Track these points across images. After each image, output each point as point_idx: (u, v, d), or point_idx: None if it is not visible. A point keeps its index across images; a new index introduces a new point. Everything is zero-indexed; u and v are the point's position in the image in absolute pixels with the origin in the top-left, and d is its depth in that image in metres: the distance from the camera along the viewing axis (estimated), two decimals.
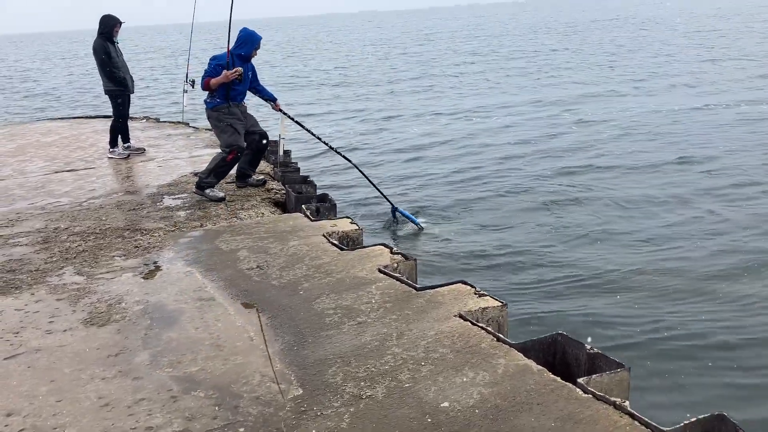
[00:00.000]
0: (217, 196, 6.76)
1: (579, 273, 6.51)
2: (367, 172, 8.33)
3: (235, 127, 6.79)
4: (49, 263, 5.14)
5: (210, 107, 6.78)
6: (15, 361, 3.61)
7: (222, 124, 6.76)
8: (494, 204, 9.13)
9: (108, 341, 3.78)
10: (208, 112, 6.85)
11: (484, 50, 38.92)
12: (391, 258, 4.74)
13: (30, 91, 31.34)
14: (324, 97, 22.86)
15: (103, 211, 6.52)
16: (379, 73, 29.47)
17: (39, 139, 11.02)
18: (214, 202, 6.68)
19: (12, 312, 4.25)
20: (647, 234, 7.50)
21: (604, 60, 27.92)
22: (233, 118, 6.79)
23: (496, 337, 3.45)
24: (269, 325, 3.88)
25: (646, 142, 12.45)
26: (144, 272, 4.86)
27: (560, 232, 7.78)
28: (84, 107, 23.20)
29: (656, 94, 18.02)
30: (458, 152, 12.79)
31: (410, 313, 3.83)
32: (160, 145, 10.00)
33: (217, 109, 6.75)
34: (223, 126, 6.77)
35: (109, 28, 8.79)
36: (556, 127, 14.57)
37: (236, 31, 6.85)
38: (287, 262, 4.88)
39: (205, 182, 6.81)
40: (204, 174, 6.82)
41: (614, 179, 9.97)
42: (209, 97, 6.78)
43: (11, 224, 6.23)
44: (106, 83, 8.96)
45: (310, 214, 6.14)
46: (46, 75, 41.97)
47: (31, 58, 67.98)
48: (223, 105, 6.74)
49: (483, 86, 22.73)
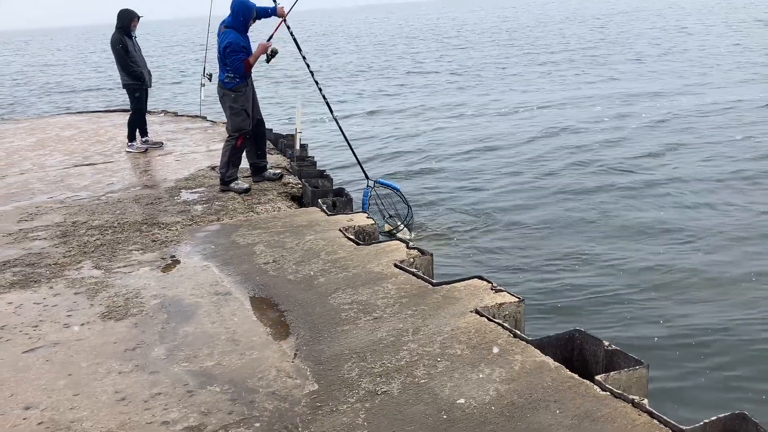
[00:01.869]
0: (243, 188, 6.82)
1: (598, 269, 6.45)
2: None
3: (247, 112, 6.82)
4: (67, 257, 5.18)
5: (229, 87, 6.70)
6: (33, 354, 3.64)
7: (237, 106, 6.75)
8: (514, 198, 9.07)
9: (125, 335, 3.80)
10: (224, 91, 6.76)
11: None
12: (407, 253, 4.72)
13: (46, 86, 31.63)
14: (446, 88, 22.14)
15: (121, 205, 6.56)
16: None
17: (58, 133, 11.11)
18: (233, 194, 6.71)
19: (31, 306, 4.29)
20: (678, 231, 7.33)
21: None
22: (247, 101, 6.80)
23: (512, 333, 3.42)
24: (285, 319, 3.88)
25: (681, 134, 12.23)
26: (161, 266, 4.88)
27: (581, 227, 7.71)
28: (102, 101, 23.38)
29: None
30: (484, 148, 12.70)
31: (426, 309, 3.81)
32: (177, 138, 10.04)
33: (236, 90, 6.71)
34: (237, 109, 6.76)
35: (126, 22, 8.82)
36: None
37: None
38: (303, 256, 4.88)
39: (228, 176, 6.85)
40: (223, 168, 6.84)
41: (643, 175, 9.78)
42: (228, 76, 6.66)
43: (31, 218, 6.28)
44: (123, 77, 9.00)
45: (327, 208, 6.13)
46: (64, 69, 42.29)
47: (47, 52, 68.50)
48: (241, 84, 6.71)
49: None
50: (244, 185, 6.87)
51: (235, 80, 6.68)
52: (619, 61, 24.75)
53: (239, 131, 6.79)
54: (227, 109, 6.83)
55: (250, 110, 6.87)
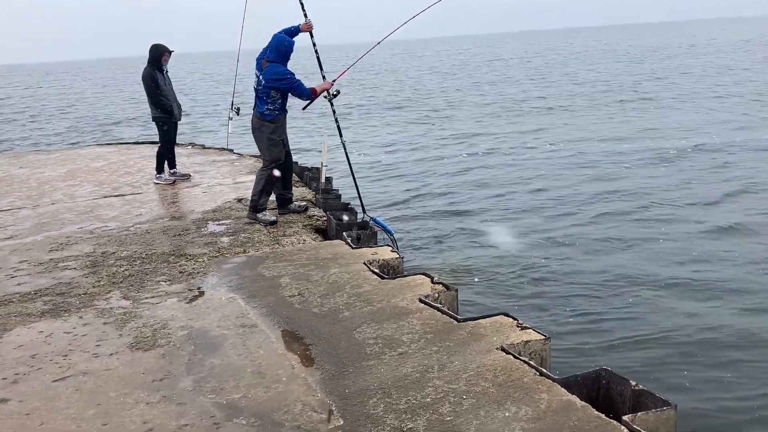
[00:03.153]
0: (270, 220, 6.96)
1: (625, 307, 6.39)
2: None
3: (284, 142, 7.09)
4: (96, 287, 5.27)
5: (269, 119, 6.88)
6: (63, 383, 3.69)
7: (275, 137, 6.96)
8: (540, 234, 9.05)
9: (153, 366, 3.85)
10: (262, 123, 6.90)
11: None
12: (432, 288, 4.74)
13: (73, 116, 32.28)
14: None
15: (149, 236, 6.66)
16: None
17: (88, 164, 11.34)
18: (258, 226, 6.80)
19: (61, 335, 4.36)
20: (708, 277, 7.15)
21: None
22: (284, 132, 7.08)
23: (538, 372, 3.40)
24: (310, 353, 3.91)
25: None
26: (188, 297, 4.94)
27: (609, 263, 7.66)
28: (131, 133, 23.82)
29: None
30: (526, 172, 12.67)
31: (451, 345, 3.81)
32: (205, 171, 10.20)
33: (275, 121, 6.92)
34: (275, 140, 6.97)
35: (157, 56, 9.04)
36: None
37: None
38: (328, 289, 4.92)
39: (261, 204, 7.01)
40: (256, 196, 7.00)
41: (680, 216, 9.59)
42: (269, 108, 6.82)
43: (61, 248, 6.40)
44: (153, 110, 9.20)
45: (351, 241, 6.18)
46: (95, 101, 43.19)
47: (76, 84, 70.01)
48: (280, 116, 6.94)
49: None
50: (272, 218, 6.99)
51: (274, 113, 6.88)
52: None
53: (274, 161, 6.98)
54: (265, 140, 7.00)
55: (286, 140, 7.14)
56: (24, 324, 4.58)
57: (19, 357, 4.06)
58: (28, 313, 4.78)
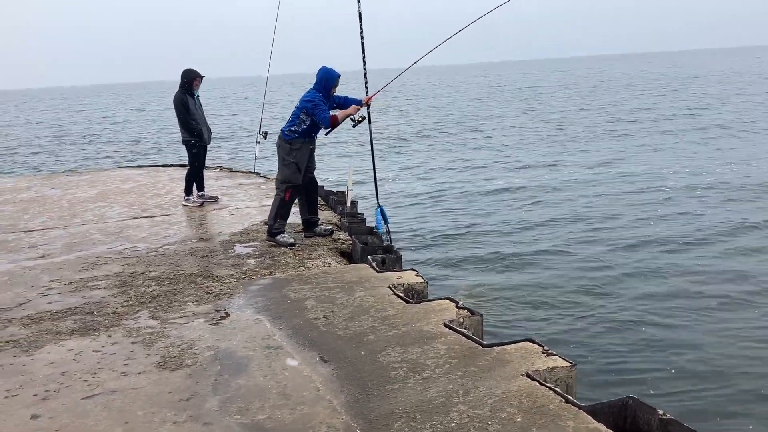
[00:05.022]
0: (287, 242, 6.99)
1: (652, 335, 6.32)
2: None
3: (299, 167, 7.09)
4: (125, 306, 5.35)
5: (287, 138, 7.03)
6: (92, 401, 3.74)
7: (290, 159, 7.04)
8: (567, 260, 9.01)
9: (180, 385, 3.89)
10: (281, 141, 7.08)
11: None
12: (456, 312, 4.74)
13: (102, 138, 32.92)
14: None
15: (177, 257, 6.76)
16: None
17: (118, 186, 11.54)
18: (284, 248, 6.86)
19: (90, 353, 4.43)
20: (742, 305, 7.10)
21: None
22: (301, 157, 7.08)
23: (564, 399, 3.38)
24: (335, 376, 3.92)
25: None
26: (215, 318, 4.99)
27: (636, 291, 7.59)
28: (162, 155, 24.21)
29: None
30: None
31: (476, 370, 3.80)
32: (232, 194, 10.33)
33: (291, 143, 7.02)
34: (289, 161, 7.05)
35: (189, 81, 9.23)
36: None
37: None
38: (353, 312, 4.94)
39: (276, 228, 7.04)
40: (271, 220, 7.06)
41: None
42: (290, 129, 7.01)
43: (91, 267, 6.52)
44: (183, 134, 9.37)
45: (376, 265, 6.21)
46: (125, 124, 44.00)
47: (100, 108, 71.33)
48: (298, 140, 7.02)
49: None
50: (290, 240, 7.05)
51: (293, 134, 6.99)
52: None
53: (287, 183, 7.05)
54: (281, 158, 7.12)
55: (302, 167, 7.12)
56: (54, 342, 4.66)
57: (50, 374, 4.13)
58: (58, 331, 4.87)
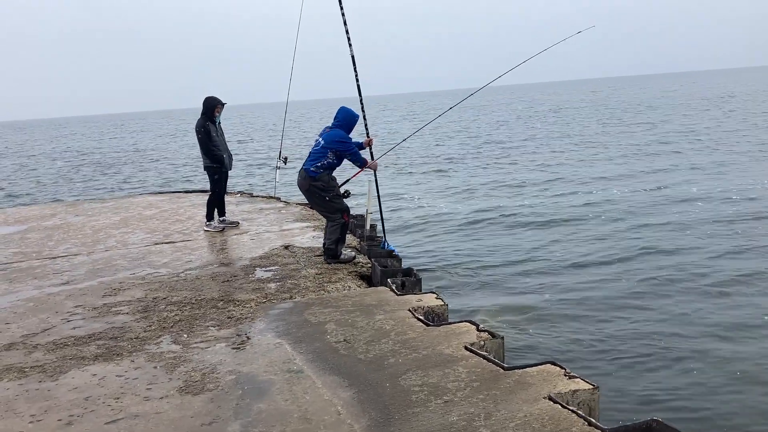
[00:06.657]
0: (350, 256, 7.44)
1: (676, 356, 6.24)
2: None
3: (338, 192, 7.46)
4: (148, 331, 5.39)
5: (314, 176, 7.25)
6: (115, 426, 3.77)
7: (330, 192, 7.33)
8: (587, 281, 8.94)
9: (202, 410, 3.90)
10: (309, 182, 7.27)
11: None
12: (477, 335, 4.72)
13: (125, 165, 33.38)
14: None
15: (198, 282, 6.81)
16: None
17: (141, 212, 11.69)
18: (305, 272, 6.91)
19: (113, 378, 4.47)
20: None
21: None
22: (334, 183, 7.44)
23: (587, 422, 3.35)
24: (356, 399, 3.92)
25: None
26: (236, 342, 5.02)
27: (658, 311, 7.50)
28: (182, 182, 24.49)
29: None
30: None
31: (498, 393, 3.78)
32: (253, 218, 10.41)
33: (320, 179, 7.25)
34: (331, 195, 7.33)
35: (210, 108, 9.37)
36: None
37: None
38: (373, 336, 4.94)
39: (340, 251, 7.40)
40: (333, 244, 7.33)
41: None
42: (315, 166, 7.22)
43: (114, 293, 6.59)
44: (205, 160, 9.49)
45: (396, 288, 6.21)
46: (152, 152, 44.62)
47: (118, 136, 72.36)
48: (325, 174, 7.29)
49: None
50: (352, 254, 7.55)
51: (320, 170, 7.26)
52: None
53: (343, 211, 7.39)
54: (320, 199, 7.36)
55: (339, 190, 7.48)
56: (78, 367, 4.71)
57: (74, 399, 4.17)
58: (82, 356, 4.92)
